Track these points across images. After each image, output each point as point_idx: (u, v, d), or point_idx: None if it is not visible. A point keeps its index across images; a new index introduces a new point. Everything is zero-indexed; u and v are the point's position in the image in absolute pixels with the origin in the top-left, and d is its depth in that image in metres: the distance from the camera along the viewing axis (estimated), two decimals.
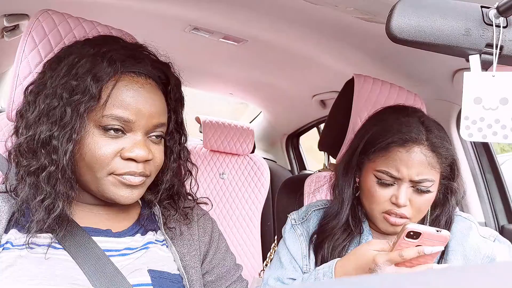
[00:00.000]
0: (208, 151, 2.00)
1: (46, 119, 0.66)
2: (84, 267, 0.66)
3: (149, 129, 0.70)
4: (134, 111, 0.68)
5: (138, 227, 0.76)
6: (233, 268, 0.86)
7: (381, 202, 0.89)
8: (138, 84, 0.70)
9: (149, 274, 0.70)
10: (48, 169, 0.65)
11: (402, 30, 0.59)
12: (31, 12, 1.24)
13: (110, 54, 0.69)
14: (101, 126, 0.67)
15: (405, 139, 0.87)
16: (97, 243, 0.69)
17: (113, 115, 0.67)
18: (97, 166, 0.67)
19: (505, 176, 1.44)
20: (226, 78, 2.09)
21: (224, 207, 1.93)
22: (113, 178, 0.68)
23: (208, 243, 0.82)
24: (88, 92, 0.65)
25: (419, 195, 0.88)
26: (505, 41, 0.59)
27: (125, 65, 0.69)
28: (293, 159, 2.65)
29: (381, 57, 1.29)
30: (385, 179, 0.88)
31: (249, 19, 1.27)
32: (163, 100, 0.74)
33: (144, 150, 0.68)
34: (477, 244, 0.92)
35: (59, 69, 0.68)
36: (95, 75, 0.66)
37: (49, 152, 0.65)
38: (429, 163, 0.87)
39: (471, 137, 0.61)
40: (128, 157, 0.68)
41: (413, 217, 0.90)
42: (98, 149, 0.67)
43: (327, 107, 1.96)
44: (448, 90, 1.28)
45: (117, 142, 0.68)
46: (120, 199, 0.70)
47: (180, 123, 0.80)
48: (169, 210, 0.80)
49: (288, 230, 1.01)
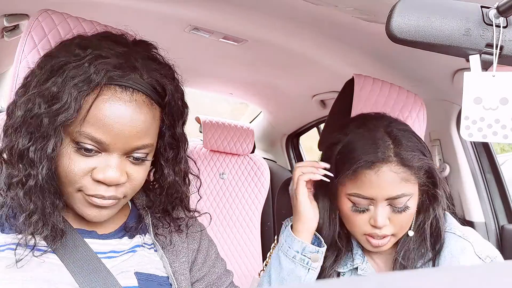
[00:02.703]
0: (208, 151, 2.00)
1: (25, 128, 0.61)
2: (72, 269, 0.64)
3: (127, 151, 0.64)
4: (112, 132, 0.61)
5: (126, 230, 0.74)
6: (224, 275, 0.84)
7: (361, 226, 0.87)
8: (120, 101, 0.62)
9: (136, 277, 0.69)
10: (28, 184, 0.60)
11: (402, 30, 0.59)
12: (31, 12, 1.24)
13: (99, 61, 0.62)
14: (75, 141, 0.62)
15: (372, 161, 0.83)
16: (87, 244, 0.68)
17: (87, 134, 0.61)
18: (66, 182, 0.63)
19: (505, 176, 1.44)
20: (226, 78, 2.09)
21: (224, 207, 1.93)
22: (82, 196, 0.64)
23: (196, 250, 0.80)
24: (67, 103, 0.60)
25: (398, 213, 0.85)
26: (505, 41, 0.59)
27: (110, 77, 0.62)
28: (293, 159, 2.65)
29: (381, 57, 1.29)
30: (359, 203, 0.85)
31: (249, 19, 1.27)
32: (152, 119, 0.66)
33: (115, 173, 0.63)
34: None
35: (44, 70, 0.63)
36: (77, 85, 0.60)
37: (26, 165, 0.61)
38: (402, 179, 0.83)
39: (471, 137, 0.61)
40: (98, 179, 0.63)
41: (397, 233, 0.87)
42: (70, 165, 0.62)
43: (327, 107, 1.96)
44: (448, 90, 1.28)
45: (89, 161, 0.62)
46: (87, 217, 0.66)
47: (179, 137, 0.73)
48: (161, 221, 0.77)
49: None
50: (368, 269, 0.93)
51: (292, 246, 0.88)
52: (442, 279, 0.25)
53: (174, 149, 0.73)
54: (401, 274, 0.25)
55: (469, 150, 1.42)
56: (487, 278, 0.26)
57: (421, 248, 0.90)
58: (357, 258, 0.94)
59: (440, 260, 0.89)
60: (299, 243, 0.87)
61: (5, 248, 0.63)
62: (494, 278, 0.25)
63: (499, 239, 1.38)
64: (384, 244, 0.87)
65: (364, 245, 0.91)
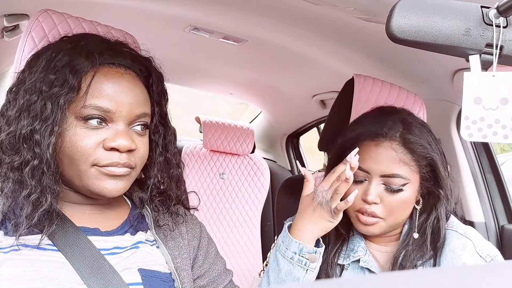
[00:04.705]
0: (208, 151, 2.00)
1: (27, 114, 0.65)
2: (77, 266, 0.65)
3: (131, 119, 0.70)
4: (115, 100, 0.67)
5: (127, 227, 0.76)
6: (224, 273, 0.85)
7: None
8: (117, 74, 0.69)
9: (140, 273, 0.69)
10: (32, 163, 0.64)
11: (402, 30, 0.59)
12: (31, 12, 1.24)
13: (89, 47, 0.69)
14: (81, 117, 0.66)
15: (375, 133, 0.86)
16: (91, 241, 0.68)
17: (92, 105, 0.66)
18: (79, 158, 0.66)
19: (505, 176, 1.44)
20: (226, 78, 2.09)
21: (224, 207, 1.93)
22: (96, 170, 0.67)
23: (197, 248, 0.82)
24: (67, 84, 0.65)
25: (391, 194, 0.86)
26: (505, 41, 0.59)
27: (103, 57, 0.69)
28: (293, 159, 2.65)
29: (381, 57, 1.29)
30: (356, 174, 0.86)
31: (249, 19, 1.27)
32: (144, 91, 0.73)
33: (126, 139, 0.67)
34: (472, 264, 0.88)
35: (38, 64, 0.68)
36: (73, 68, 0.66)
37: (31, 146, 0.64)
38: (400, 159, 0.85)
39: (471, 137, 0.61)
40: (111, 147, 0.67)
41: (386, 217, 0.87)
42: (80, 141, 0.66)
43: (327, 107, 1.96)
44: (448, 90, 1.28)
45: (98, 133, 0.67)
46: (104, 191, 0.68)
47: (164, 116, 0.80)
48: (159, 208, 0.79)
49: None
50: (370, 262, 0.93)
51: (289, 247, 0.88)
52: (443, 279, 0.25)
53: (163, 125, 0.79)
54: (401, 274, 0.25)
55: (469, 150, 1.42)
56: (487, 278, 0.26)
57: (422, 248, 0.90)
58: (359, 250, 0.94)
59: (442, 257, 0.89)
60: (296, 244, 0.87)
61: (9, 250, 0.64)
62: (494, 278, 0.25)
63: (499, 239, 1.38)
64: (371, 223, 0.87)
65: (354, 223, 0.91)
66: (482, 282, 0.25)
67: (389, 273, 0.25)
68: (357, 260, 0.94)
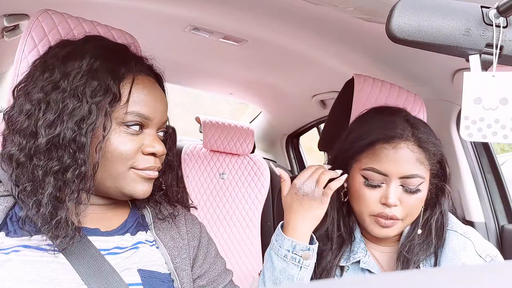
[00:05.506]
0: (208, 151, 2.00)
1: (68, 118, 0.66)
2: (77, 267, 0.65)
3: (160, 125, 0.75)
4: (152, 108, 0.72)
5: (127, 227, 0.76)
6: (223, 273, 0.85)
7: (370, 204, 0.88)
8: (150, 83, 0.75)
9: (139, 274, 0.70)
10: (74, 167, 0.66)
11: (402, 30, 0.59)
12: (31, 12, 1.24)
13: (123, 54, 0.74)
14: (123, 123, 0.70)
15: (391, 136, 0.86)
16: (91, 242, 0.69)
17: (135, 112, 0.70)
18: (120, 161, 0.70)
19: (505, 176, 1.44)
20: (226, 78, 2.09)
21: (224, 207, 1.93)
22: (134, 173, 0.71)
23: (197, 248, 0.82)
24: (111, 92, 0.68)
25: (409, 194, 0.86)
26: (505, 41, 0.59)
27: (137, 65, 0.74)
28: (293, 159, 2.65)
29: (381, 57, 1.29)
30: (373, 178, 0.87)
31: (249, 19, 1.27)
32: (165, 98, 0.78)
33: (162, 145, 0.73)
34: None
35: (75, 67, 0.69)
36: (114, 75, 0.70)
37: (75, 150, 0.66)
38: (417, 159, 0.85)
39: (471, 137, 0.61)
40: (149, 152, 0.72)
41: (405, 218, 0.88)
42: (122, 145, 0.69)
43: (327, 107, 1.96)
44: (448, 90, 1.28)
45: (138, 139, 0.72)
46: (139, 193, 0.73)
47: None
48: (159, 203, 0.81)
49: None
50: (370, 263, 0.93)
51: (282, 245, 0.88)
52: (443, 279, 0.25)
53: (166, 128, 0.82)
54: (401, 274, 0.25)
55: (469, 150, 1.42)
56: (487, 278, 0.26)
57: (426, 242, 0.90)
58: (360, 252, 0.94)
59: (442, 257, 0.89)
60: (289, 242, 0.87)
61: (10, 250, 0.64)
62: (494, 278, 0.25)
63: (499, 239, 1.38)
64: (391, 226, 0.87)
65: (370, 228, 0.90)
66: (482, 282, 0.25)
67: (389, 273, 0.25)
68: (357, 262, 0.94)
